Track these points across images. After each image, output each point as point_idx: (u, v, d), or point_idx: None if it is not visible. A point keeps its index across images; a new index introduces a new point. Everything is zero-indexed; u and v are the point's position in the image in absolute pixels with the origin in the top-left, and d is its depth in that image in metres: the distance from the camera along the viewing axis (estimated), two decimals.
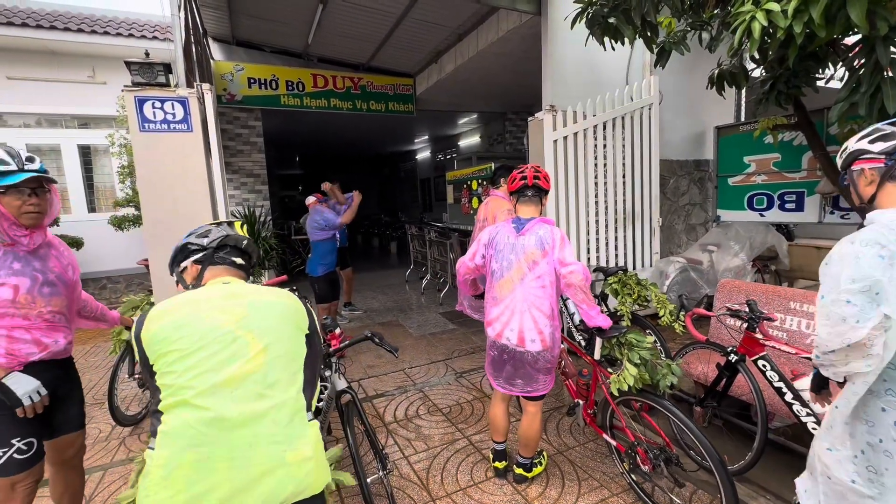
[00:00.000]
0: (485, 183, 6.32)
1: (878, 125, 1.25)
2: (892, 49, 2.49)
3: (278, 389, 1.08)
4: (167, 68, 2.97)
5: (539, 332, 2.03)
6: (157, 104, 2.85)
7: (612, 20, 3.27)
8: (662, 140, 5.10)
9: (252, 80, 6.59)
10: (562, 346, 2.48)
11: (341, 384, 1.92)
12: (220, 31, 6.16)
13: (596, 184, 4.49)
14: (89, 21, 6.17)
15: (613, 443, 2.18)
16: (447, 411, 3.10)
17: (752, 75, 5.11)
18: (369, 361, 4.09)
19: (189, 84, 3.21)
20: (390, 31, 5.89)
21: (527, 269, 2.04)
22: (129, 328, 2.32)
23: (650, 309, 3.19)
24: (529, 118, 4.40)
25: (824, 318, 1.12)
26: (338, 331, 1.96)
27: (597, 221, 4.53)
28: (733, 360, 2.14)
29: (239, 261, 1.32)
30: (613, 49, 3.76)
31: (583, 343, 2.93)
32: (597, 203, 4.51)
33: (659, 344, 2.88)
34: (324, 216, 4.25)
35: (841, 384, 1.27)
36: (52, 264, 1.71)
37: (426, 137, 12.57)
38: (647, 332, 2.95)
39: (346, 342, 1.91)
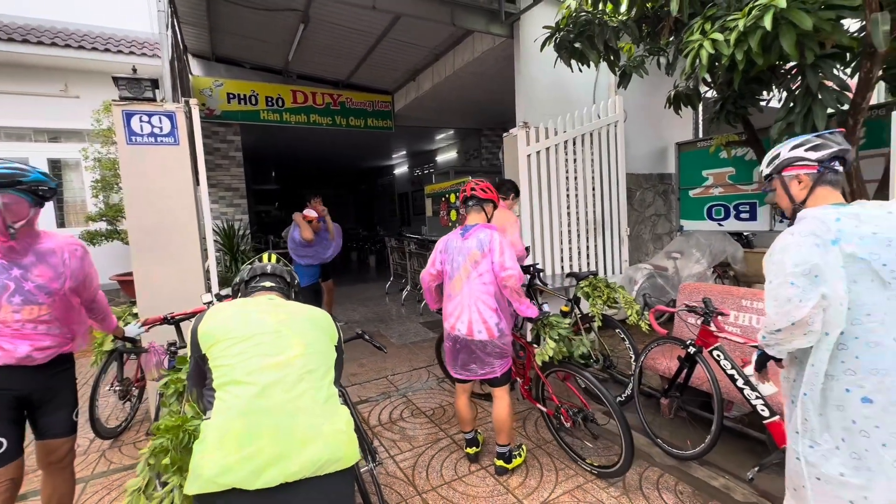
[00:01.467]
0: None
1: (808, 136, 1.42)
2: (821, 75, 2.83)
3: (316, 376, 1.24)
4: (154, 84, 3.05)
5: (484, 322, 2.29)
6: (145, 118, 2.92)
7: (577, 45, 3.55)
8: (628, 155, 5.44)
9: (231, 96, 6.66)
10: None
11: None
12: (200, 47, 6.23)
13: (567, 195, 4.75)
14: (63, 35, 6.14)
15: (544, 409, 2.60)
16: (430, 414, 3.20)
17: (707, 96, 5.55)
18: (352, 370, 4.16)
19: (175, 99, 3.29)
20: (370, 49, 6.09)
21: (471, 269, 2.30)
22: (119, 338, 2.35)
23: (621, 313, 3.42)
24: (505, 134, 4.64)
25: (772, 301, 1.26)
26: None
27: (569, 231, 4.77)
28: (692, 352, 2.35)
29: (269, 283, 1.52)
30: (581, 70, 4.06)
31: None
32: (569, 213, 4.76)
33: (628, 342, 3.09)
34: (292, 233, 4.31)
35: (779, 362, 1.46)
36: (38, 273, 1.73)
37: (404, 153, 12.79)
38: (617, 331, 3.16)
39: None
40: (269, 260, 1.65)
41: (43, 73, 6.04)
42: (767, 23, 2.45)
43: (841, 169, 1.35)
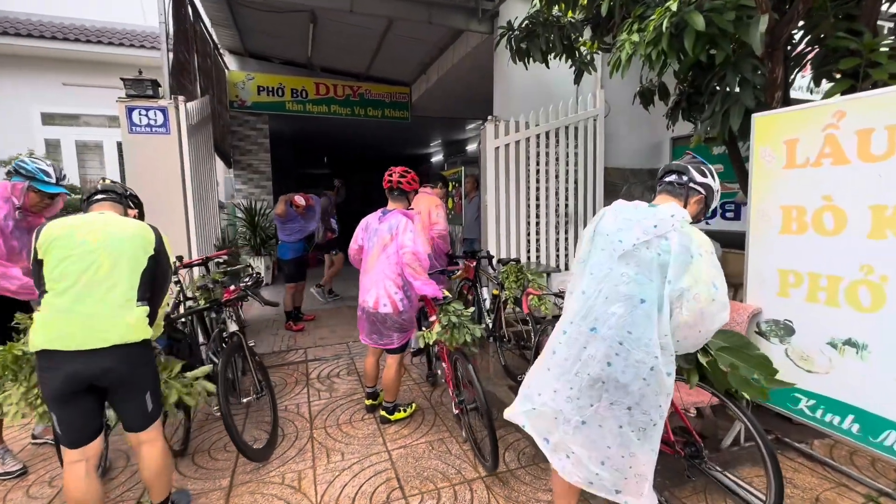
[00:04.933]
0: (456, 184, 6.85)
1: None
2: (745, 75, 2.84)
3: (118, 290, 1.68)
4: (155, 83, 3.73)
5: (389, 297, 2.59)
6: (143, 111, 3.61)
7: (523, 44, 3.74)
8: (617, 149, 5.44)
9: (261, 88, 7.45)
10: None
11: (233, 327, 2.54)
12: (234, 45, 7.05)
13: (538, 188, 4.91)
14: (121, 34, 7.25)
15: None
16: (363, 374, 3.67)
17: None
18: (323, 334, 4.73)
19: (177, 93, 3.94)
20: (378, 45, 6.54)
21: (380, 251, 2.60)
22: None
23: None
24: (480, 127, 4.90)
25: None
26: (232, 287, 2.58)
27: (537, 223, 4.95)
28: None
29: (100, 197, 1.89)
30: (526, 68, 4.16)
31: None
32: (538, 206, 4.93)
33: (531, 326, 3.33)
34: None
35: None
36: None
37: (439, 141, 13.21)
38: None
39: (237, 296, 2.52)
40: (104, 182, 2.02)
41: (113, 69, 7.19)
42: (665, 24, 2.55)
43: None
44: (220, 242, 4.87)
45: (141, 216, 2.19)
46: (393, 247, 2.57)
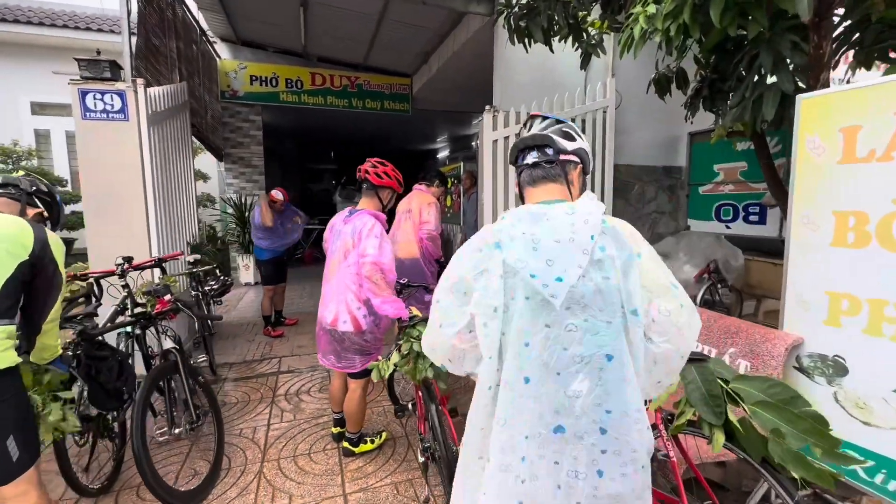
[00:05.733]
0: (455, 181, 6.42)
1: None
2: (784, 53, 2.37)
3: None
4: (114, 64, 3.38)
5: (350, 313, 2.18)
6: (98, 95, 3.26)
7: (522, 23, 3.30)
8: (628, 144, 4.97)
9: (254, 78, 7.10)
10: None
11: (167, 344, 2.17)
12: (225, 31, 6.70)
13: None
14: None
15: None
16: (330, 397, 3.28)
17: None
18: (302, 342, 4.36)
19: (140, 76, 3.59)
20: (374, 32, 6.13)
21: (342, 256, 2.19)
22: None
23: None
24: (477, 119, 4.47)
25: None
26: (167, 297, 2.20)
27: None
28: None
29: None
30: (527, 51, 3.71)
31: None
32: None
33: None
34: (254, 213, 4.44)
35: None
36: None
37: (445, 137, 12.77)
38: None
39: (170, 308, 2.14)
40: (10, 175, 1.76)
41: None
42: None
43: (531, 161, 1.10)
44: (195, 241, 4.53)
45: (52, 218, 1.80)
46: (355, 254, 2.16)
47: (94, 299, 2.90)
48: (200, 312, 2.14)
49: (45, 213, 1.77)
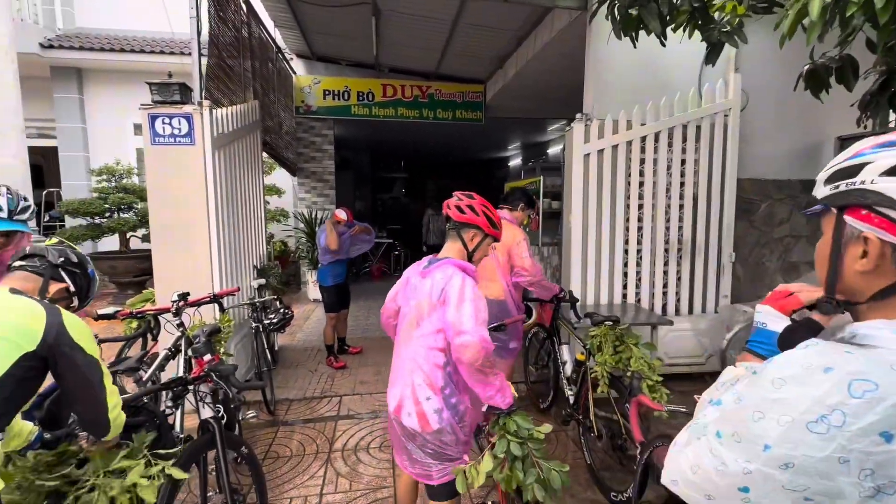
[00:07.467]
0: (535, 197, 5.78)
1: None
2: None
3: None
4: (184, 87, 3.26)
5: (416, 404, 1.61)
6: (166, 119, 3.14)
7: (632, 11, 2.65)
8: (754, 154, 4.05)
9: (327, 92, 7.06)
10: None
11: (206, 413, 1.84)
12: (301, 48, 6.71)
13: (642, 207, 3.74)
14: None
15: None
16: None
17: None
18: (365, 377, 4.02)
19: (211, 96, 3.46)
20: (448, 37, 5.74)
21: (415, 320, 1.69)
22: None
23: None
24: (566, 128, 3.87)
25: None
26: (207, 357, 1.88)
27: (639, 252, 3.77)
28: None
29: (18, 263, 1.40)
30: (634, 45, 3.02)
31: None
32: (640, 230, 3.75)
33: (623, 428, 2.20)
34: (319, 236, 4.21)
35: None
36: None
37: (518, 144, 12.16)
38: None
39: (210, 370, 1.81)
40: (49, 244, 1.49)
41: None
42: None
43: None
44: (262, 263, 4.39)
45: (79, 293, 1.50)
46: (432, 322, 1.62)
47: (150, 338, 2.73)
48: (238, 383, 1.77)
49: (72, 289, 1.49)
